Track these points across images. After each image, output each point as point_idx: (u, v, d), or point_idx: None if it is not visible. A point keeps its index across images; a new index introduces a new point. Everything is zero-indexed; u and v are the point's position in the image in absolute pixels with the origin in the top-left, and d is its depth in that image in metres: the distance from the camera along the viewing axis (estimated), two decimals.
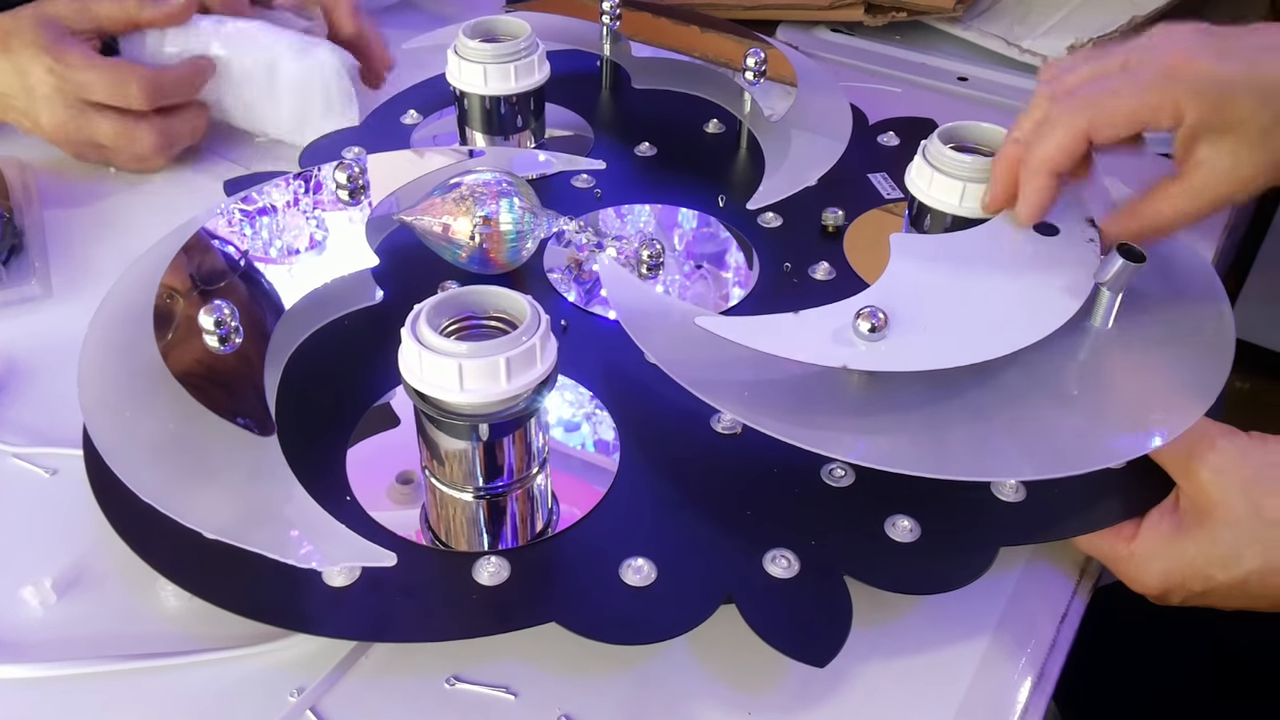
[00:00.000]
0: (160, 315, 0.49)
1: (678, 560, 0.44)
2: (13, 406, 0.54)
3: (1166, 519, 0.46)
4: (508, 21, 0.68)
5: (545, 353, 0.41)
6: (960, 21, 0.88)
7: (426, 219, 0.57)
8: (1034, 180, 0.49)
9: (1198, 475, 0.45)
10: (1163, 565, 0.45)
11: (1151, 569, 0.46)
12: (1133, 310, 0.50)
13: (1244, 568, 0.44)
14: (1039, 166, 0.48)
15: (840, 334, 0.45)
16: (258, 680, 0.42)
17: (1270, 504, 0.44)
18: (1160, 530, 0.46)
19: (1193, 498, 0.45)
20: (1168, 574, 0.45)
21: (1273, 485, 0.44)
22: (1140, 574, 0.46)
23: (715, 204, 0.67)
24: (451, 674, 0.43)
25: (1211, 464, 0.45)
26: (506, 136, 0.69)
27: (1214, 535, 0.44)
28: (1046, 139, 0.48)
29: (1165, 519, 0.46)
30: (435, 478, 0.45)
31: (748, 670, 0.44)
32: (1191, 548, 0.45)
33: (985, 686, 0.44)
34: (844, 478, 0.48)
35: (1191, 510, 0.45)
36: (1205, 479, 0.45)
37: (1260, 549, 0.44)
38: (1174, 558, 0.45)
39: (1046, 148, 0.48)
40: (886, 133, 0.74)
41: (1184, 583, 0.45)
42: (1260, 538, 0.44)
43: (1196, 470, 0.45)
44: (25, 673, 0.42)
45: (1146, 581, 0.46)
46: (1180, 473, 0.46)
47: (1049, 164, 0.48)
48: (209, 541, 0.41)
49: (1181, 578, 0.45)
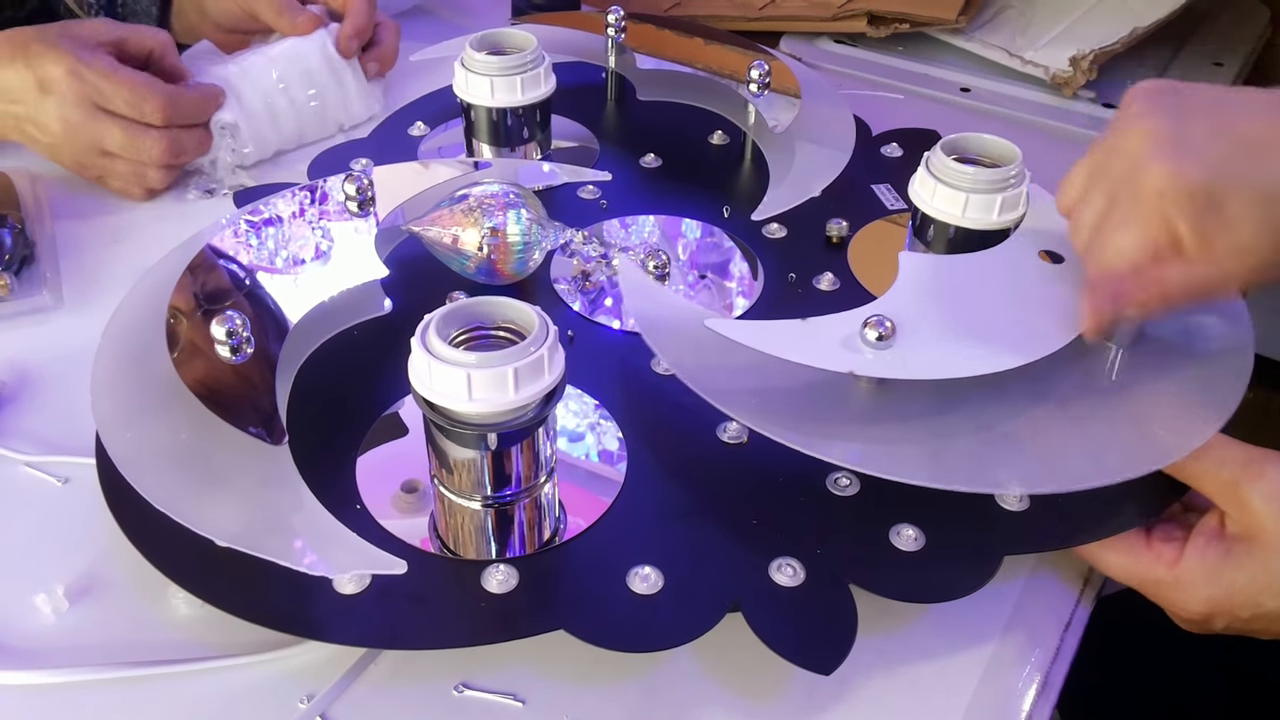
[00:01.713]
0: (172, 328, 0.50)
1: (684, 569, 0.45)
2: (25, 416, 0.54)
3: (1213, 545, 0.45)
4: (514, 34, 0.68)
5: (553, 363, 0.42)
6: (963, 33, 0.89)
7: (435, 229, 0.57)
8: None
9: (1249, 503, 0.44)
10: (1209, 592, 0.45)
11: (1197, 595, 0.45)
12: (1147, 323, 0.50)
13: None
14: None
15: (849, 341, 0.45)
16: (268, 687, 0.43)
17: None
18: (1207, 557, 0.45)
19: (1243, 525, 0.45)
20: (1215, 601, 0.45)
21: None
22: (1186, 599, 0.45)
23: (720, 215, 0.67)
24: (460, 681, 0.43)
25: (1262, 491, 0.44)
26: (513, 148, 0.69)
27: (1265, 563, 0.44)
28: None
29: (1212, 545, 0.45)
30: (444, 486, 0.45)
31: (754, 678, 0.44)
32: (1242, 575, 0.44)
33: (990, 694, 0.44)
34: (849, 487, 0.48)
35: (1241, 537, 0.45)
36: (1257, 507, 0.44)
37: None
38: (1222, 585, 0.44)
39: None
40: (890, 144, 0.74)
41: (1231, 609, 0.45)
42: None
43: (1247, 498, 0.44)
44: (38, 679, 0.43)
45: (1191, 608, 0.45)
46: (1229, 499, 0.45)
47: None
48: (220, 549, 0.41)
49: (1230, 604, 0.44)
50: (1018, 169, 0.54)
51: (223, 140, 0.70)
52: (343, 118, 0.77)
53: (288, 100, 0.73)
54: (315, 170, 0.71)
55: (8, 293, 0.60)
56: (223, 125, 0.70)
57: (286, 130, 0.74)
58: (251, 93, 0.71)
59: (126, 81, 0.65)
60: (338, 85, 0.75)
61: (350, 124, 0.77)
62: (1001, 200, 0.54)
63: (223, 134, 0.70)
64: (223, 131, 0.70)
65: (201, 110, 0.69)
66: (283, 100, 0.72)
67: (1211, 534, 0.45)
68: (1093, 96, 0.83)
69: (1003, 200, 0.54)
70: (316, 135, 0.76)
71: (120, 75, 0.65)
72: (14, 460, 0.52)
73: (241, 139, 0.71)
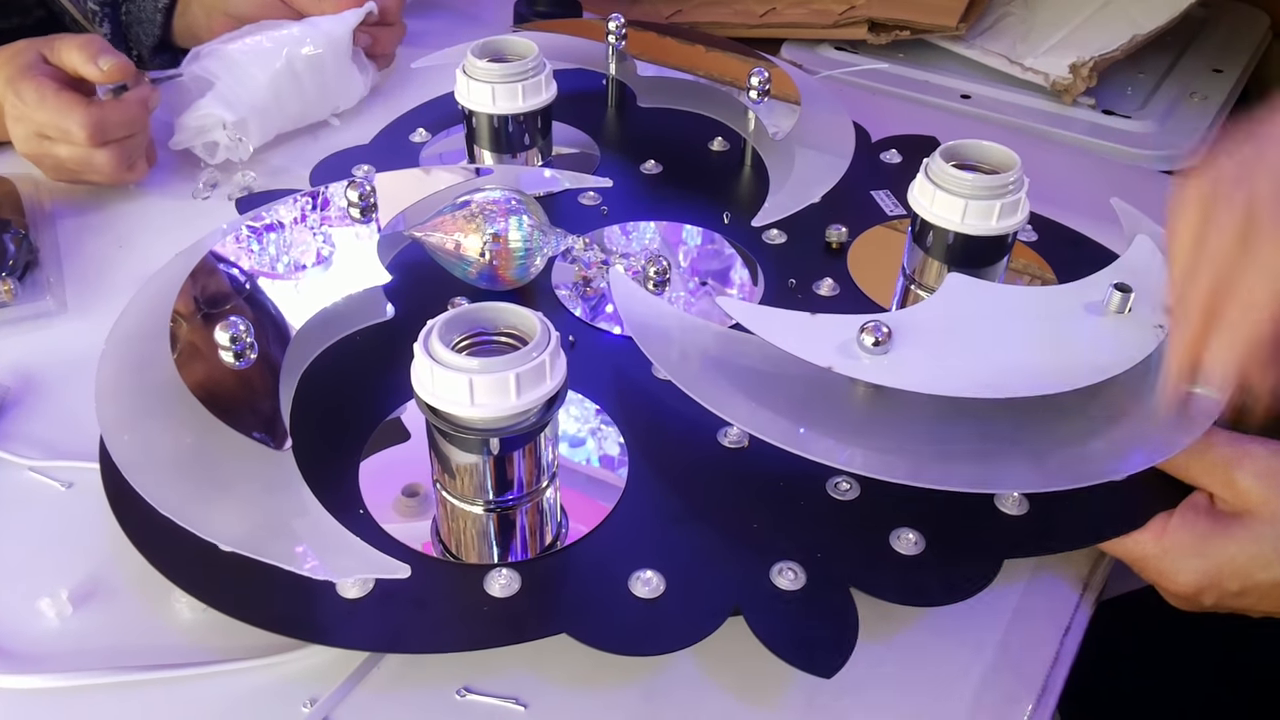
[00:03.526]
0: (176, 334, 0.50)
1: (686, 573, 0.45)
2: (29, 421, 0.55)
3: (1202, 518, 0.45)
4: (515, 41, 0.69)
5: (555, 368, 0.42)
6: (963, 40, 0.89)
7: (437, 235, 0.57)
8: None
9: (1237, 481, 0.45)
10: (1199, 563, 0.45)
11: (1186, 566, 0.45)
12: None
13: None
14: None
15: (845, 342, 0.46)
16: (271, 691, 0.43)
17: None
18: (1197, 528, 0.45)
19: (1233, 503, 0.45)
20: (1204, 572, 0.45)
21: None
22: (1174, 572, 0.45)
23: (720, 221, 0.67)
24: (462, 685, 0.43)
25: (1251, 469, 0.45)
26: (514, 154, 0.70)
27: (1257, 533, 0.44)
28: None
29: (1201, 518, 0.46)
30: (446, 491, 0.45)
31: (755, 681, 0.44)
32: (1232, 546, 0.45)
33: (990, 698, 0.44)
34: (849, 491, 0.48)
35: (1231, 514, 0.45)
36: (1248, 484, 0.45)
37: None
38: (1212, 555, 0.45)
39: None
40: (889, 150, 0.74)
41: (1220, 582, 0.45)
42: None
43: (1235, 476, 0.45)
44: (42, 683, 0.43)
45: (1180, 580, 0.45)
46: (1217, 480, 0.46)
47: None
48: (223, 553, 0.41)
49: (1219, 576, 0.45)
50: (1016, 176, 0.55)
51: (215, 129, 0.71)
52: (340, 101, 0.78)
53: (294, 82, 0.74)
54: (317, 177, 0.72)
55: (11, 298, 0.61)
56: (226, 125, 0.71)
57: (290, 111, 0.75)
58: (260, 74, 0.72)
59: (51, 107, 0.64)
60: (342, 68, 0.77)
61: (345, 107, 0.79)
62: (1000, 206, 0.54)
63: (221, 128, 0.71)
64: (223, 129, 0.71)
65: (134, 121, 0.68)
66: (289, 83, 0.74)
67: (1200, 508, 0.46)
68: (1092, 103, 0.83)
69: (1001, 206, 0.54)
70: (316, 117, 0.77)
71: (47, 103, 0.64)
72: (18, 465, 0.52)
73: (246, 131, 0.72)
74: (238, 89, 0.72)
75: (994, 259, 0.57)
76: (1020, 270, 0.64)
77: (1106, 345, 0.47)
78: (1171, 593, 0.47)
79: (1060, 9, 0.92)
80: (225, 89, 0.72)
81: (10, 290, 0.61)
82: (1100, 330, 0.48)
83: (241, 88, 0.72)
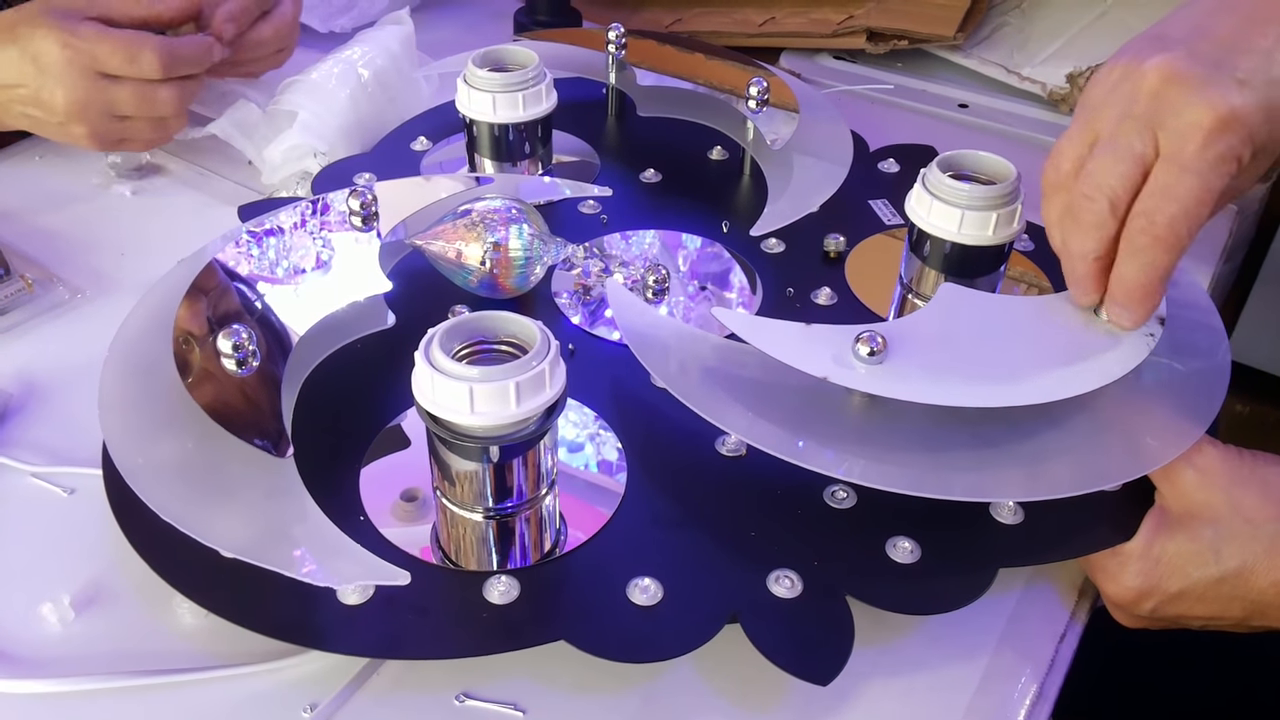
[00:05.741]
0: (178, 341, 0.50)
1: (683, 580, 0.45)
2: (31, 426, 0.55)
3: (1149, 520, 0.47)
4: (516, 51, 0.69)
5: (554, 377, 0.42)
6: (961, 49, 0.90)
7: (438, 244, 0.58)
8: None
9: (1181, 477, 0.46)
10: (1141, 564, 0.46)
11: (1130, 568, 0.46)
12: None
13: (1222, 566, 0.45)
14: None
15: (841, 352, 0.46)
16: (272, 696, 0.43)
17: (1251, 504, 0.45)
18: (1144, 531, 0.46)
19: (1174, 500, 0.46)
20: (1146, 572, 0.46)
21: (1254, 488, 0.45)
22: (1119, 572, 0.47)
23: (719, 229, 0.68)
24: (461, 691, 0.44)
25: (1196, 465, 0.46)
26: (514, 163, 0.70)
27: (1195, 532, 0.45)
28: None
29: (1149, 516, 0.47)
30: (446, 498, 0.46)
31: (752, 688, 0.44)
32: (1171, 545, 0.46)
33: (985, 705, 0.44)
34: (846, 499, 0.49)
35: (1172, 510, 0.46)
36: (1189, 480, 0.46)
37: (1239, 546, 0.45)
38: (1152, 556, 0.46)
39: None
40: (887, 159, 0.75)
41: (1160, 582, 0.46)
42: (1240, 535, 0.45)
43: (1180, 472, 0.46)
44: (43, 688, 0.43)
45: (1124, 582, 0.46)
46: (1163, 477, 0.47)
47: None
48: (225, 559, 0.42)
49: (1159, 575, 0.46)
50: (1012, 186, 0.55)
51: (306, 158, 0.72)
52: (409, 109, 0.79)
53: (370, 99, 0.76)
54: (318, 185, 0.72)
55: (33, 290, 0.62)
56: (316, 154, 0.72)
57: (370, 126, 0.76)
58: (341, 92, 0.74)
59: (119, 40, 0.64)
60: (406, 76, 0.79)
61: (413, 114, 0.80)
62: (997, 217, 0.54)
63: (313, 156, 0.72)
64: (314, 157, 0.72)
65: (200, 57, 0.67)
66: (365, 99, 0.76)
67: (1151, 512, 0.47)
68: None
69: (998, 217, 0.54)
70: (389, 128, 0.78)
71: (111, 36, 0.64)
72: (21, 471, 0.52)
73: (335, 155, 0.73)
74: (325, 115, 0.72)
75: (991, 269, 0.57)
76: (1016, 279, 0.64)
77: (1100, 354, 0.48)
78: (1114, 599, 0.48)
79: (1057, 19, 0.92)
80: (311, 117, 0.72)
81: (31, 283, 0.62)
82: (1093, 339, 0.48)
83: (329, 113, 0.73)
